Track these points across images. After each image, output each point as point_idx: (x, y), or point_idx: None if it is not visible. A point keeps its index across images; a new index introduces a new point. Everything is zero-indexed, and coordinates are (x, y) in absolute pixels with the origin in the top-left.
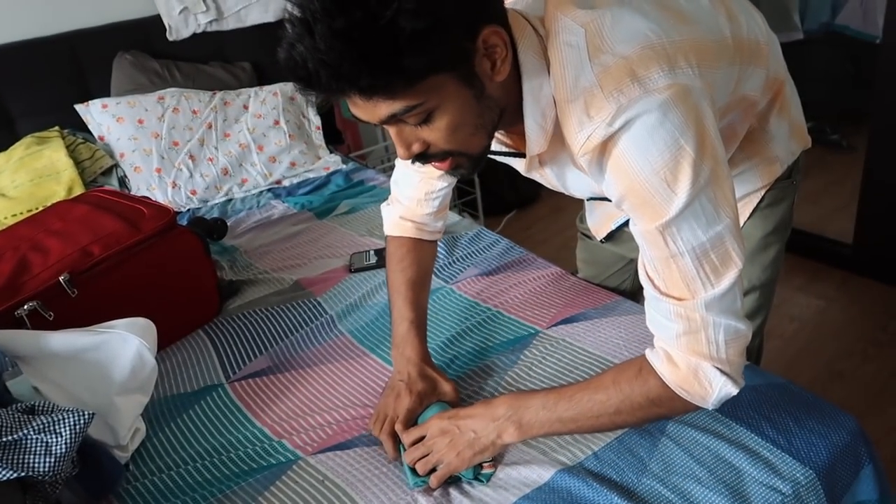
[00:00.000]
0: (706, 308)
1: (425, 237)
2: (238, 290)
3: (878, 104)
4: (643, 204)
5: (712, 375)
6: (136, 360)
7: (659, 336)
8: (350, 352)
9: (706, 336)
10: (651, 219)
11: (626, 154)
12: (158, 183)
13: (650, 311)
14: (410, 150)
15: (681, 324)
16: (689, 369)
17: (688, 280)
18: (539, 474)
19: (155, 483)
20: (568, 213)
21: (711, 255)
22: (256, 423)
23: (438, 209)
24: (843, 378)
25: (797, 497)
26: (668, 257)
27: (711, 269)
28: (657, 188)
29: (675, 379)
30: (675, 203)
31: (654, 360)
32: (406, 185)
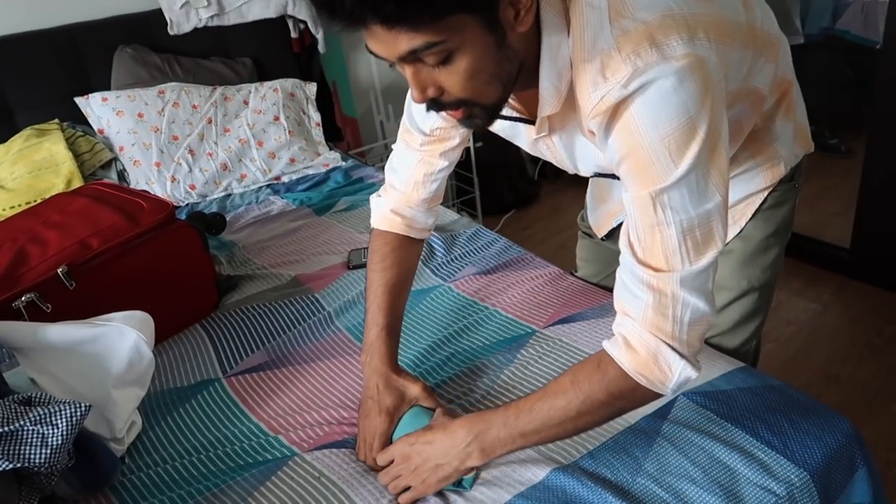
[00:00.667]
0: (680, 283)
1: (413, 234)
2: (236, 285)
3: (876, 110)
4: (642, 169)
5: (672, 359)
6: (133, 353)
7: (624, 308)
8: (347, 348)
9: (673, 313)
10: (645, 184)
11: (635, 117)
12: (157, 177)
13: (621, 281)
14: (425, 93)
15: (651, 296)
16: (648, 353)
17: (668, 252)
18: (534, 473)
19: (150, 476)
20: (567, 213)
21: (696, 231)
22: (253, 418)
23: (433, 196)
24: (839, 382)
25: (791, 498)
26: (653, 225)
27: (693, 246)
28: (659, 156)
29: (635, 365)
30: (671, 172)
31: (612, 349)
32: (404, 166)
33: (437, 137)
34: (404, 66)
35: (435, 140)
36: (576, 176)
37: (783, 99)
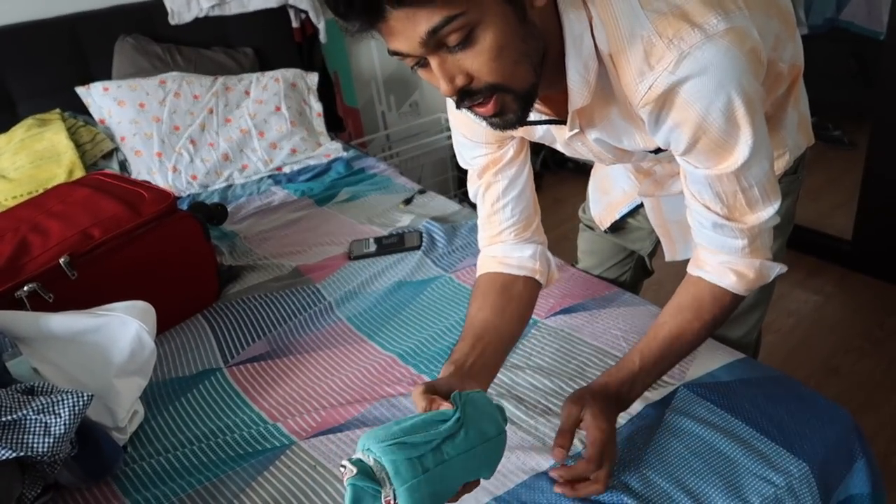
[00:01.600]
0: (766, 222)
1: (509, 271)
2: (237, 276)
3: (880, 101)
4: (715, 147)
5: (770, 268)
6: (135, 343)
7: (721, 252)
8: (348, 338)
9: (761, 242)
10: (724, 163)
11: (691, 101)
12: (159, 167)
13: (707, 235)
14: (454, 83)
15: (746, 239)
16: (756, 273)
17: (753, 205)
18: (538, 462)
19: (152, 465)
20: (568, 205)
21: (767, 181)
22: (254, 406)
23: (516, 224)
24: (839, 374)
25: (790, 489)
26: (737, 191)
27: (771, 191)
28: (726, 129)
29: (747, 286)
30: (744, 143)
31: (724, 281)
32: (479, 207)
33: (489, 160)
34: (430, 58)
35: (489, 164)
36: (578, 167)
37: (793, 86)
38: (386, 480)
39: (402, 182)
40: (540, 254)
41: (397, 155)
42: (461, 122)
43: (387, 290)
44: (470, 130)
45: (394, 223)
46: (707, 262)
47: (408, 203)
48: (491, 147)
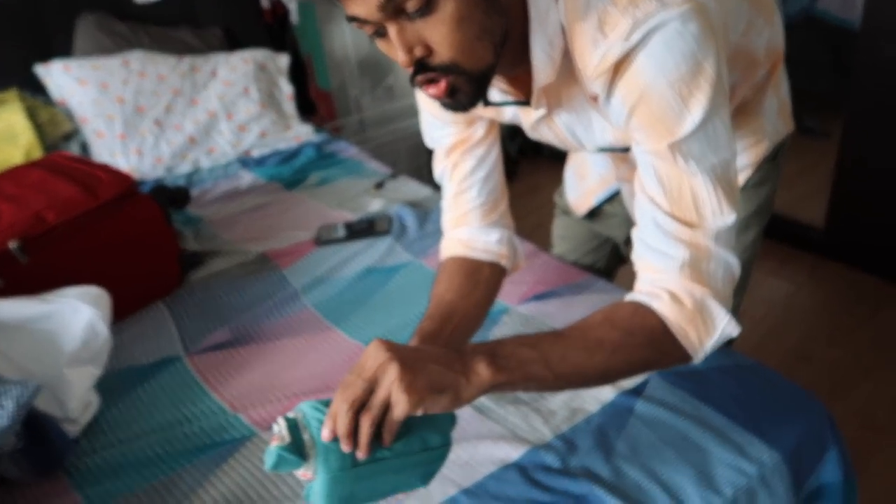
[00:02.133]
0: (715, 239)
1: (476, 255)
2: (201, 262)
3: (854, 92)
4: (654, 121)
5: (717, 312)
6: (88, 330)
7: (657, 268)
8: (313, 326)
9: (708, 268)
10: (661, 137)
11: (641, 69)
12: (122, 149)
13: (645, 242)
14: (412, 53)
15: (685, 252)
16: (695, 306)
17: (699, 203)
18: (507, 453)
19: (106, 458)
20: (544, 192)
21: (722, 180)
22: (214, 396)
23: (482, 206)
24: (810, 361)
25: (762, 479)
26: (681, 176)
27: (725, 195)
28: (671, 102)
29: (681, 318)
30: (688, 120)
31: (655, 302)
32: (445, 188)
33: (456, 140)
34: (388, 25)
35: (456, 143)
36: (554, 154)
37: (774, 71)
38: (311, 456)
39: (374, 166)
40: (507, 239)
41: (371, 139)
42: (428, 101)
43: (355, 277)
44: (437, 109)
45: (364, 208)
46: (639, 286)
47: (379, 187)
48: (459, 126)
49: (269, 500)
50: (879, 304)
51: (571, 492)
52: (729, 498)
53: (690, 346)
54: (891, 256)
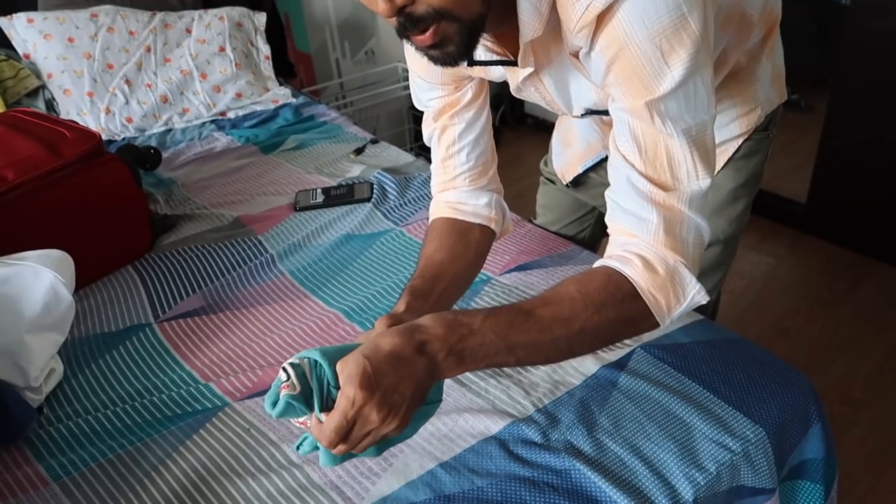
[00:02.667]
0: (689, 204)
1: (463, 217)
2: (173, 226)
3: (841, 67)
4: (632, 76)
5: (688, 280)
6: (49, 295)
7: (630, 231)
8: (290, 293)
9: (681, 233)
10: (638, 94)
11: (623, 20)
12: (90, 108)
13: (618, 204)
14: (394, 1)
15: (658, 215)
16: (667, 273)
17: (674, 165)
18: (487, 426)
19: (70, 428)
20: (527, 161)
21: (698, 143)
22: (185, 365)
23: (471, 170)
24: (789, 335)
25: (746, 455)
26: (657, 136)
27: (700, 158)
28: (650, 57)
29: (651, 285)
30: (667, 78)
31: (627, 268)
32: (434, 152)
33: (445, 102)
34: None
35: (445, 106)
36: (538, 124)
37: (769, 36)
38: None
39: (354, 131)
40: (496, 202)
41: (351, 104)
42: (417, 62)
43: (333, 244)
44: (426, 71)
45: (343, 174)
46: (612, 250)
47: (359, 153)
48: (448, 88)
49: (241, 472)
50: (859, 280)
51: (552, 466)
52: (712, 474)
53: (660, 313)
54: (871, 232)
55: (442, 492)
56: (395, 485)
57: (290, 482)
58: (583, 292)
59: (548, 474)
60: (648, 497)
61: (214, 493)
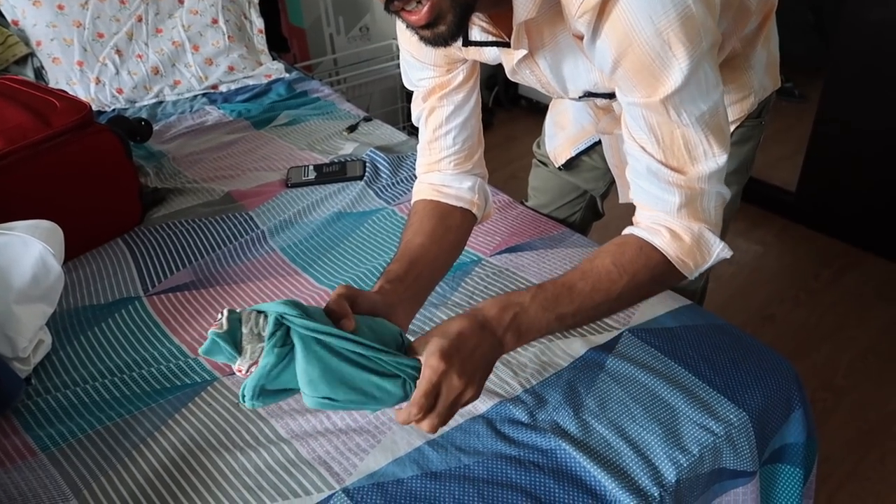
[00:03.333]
0: (708, 180)
1: (446, 200)
2: (163, 199)
3: (837, 56)
4: (641, 69)
5: (712, 241)
6: (38, 266)
7: (655, 209)
8: (281, 269)
9: (703, 204)
10: (651, 89)
11: (627, 11)
12: (80, 78)
13: (641, 187)
14: None
15: (681, 194)
16: (693, 240)
17: (691, 149)
18: (474, 405)
19: (59, 399)
20: (520, 143)
21: (712, 124)
22: (174, 339)
23: (457, 154)
24: (774, 321)
25: (728, 438)
26: (674, 129)
27: (715, 138)
28: (658, 51)
29: (680, 252)
30: (676, 70)
31: (656, 239)
32: (421, 132)
33: (436, 84)
34: None
35: (435, 87)
36: (532, 105)
37: (765, 22)
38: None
39: (347, 108)
40: (479, 187)
41: (344, 81)
42: (409, 41)
43: (325, 221)
44: (418, 50)
45: (336, 151)
46: (640, 221)
47: (352, 130)
48: (439, 70)
49: (230, 446)
50: (845, 269)
51: (538, 446)
52: (695, 456)
53: (688, 272)
54: (859, 222)
55: (429, 468)
56: (382, 461)
57: (278, 457)
58: (617, 264)
59: (534, 453)
60: (632, 477)
61: (203, 467)
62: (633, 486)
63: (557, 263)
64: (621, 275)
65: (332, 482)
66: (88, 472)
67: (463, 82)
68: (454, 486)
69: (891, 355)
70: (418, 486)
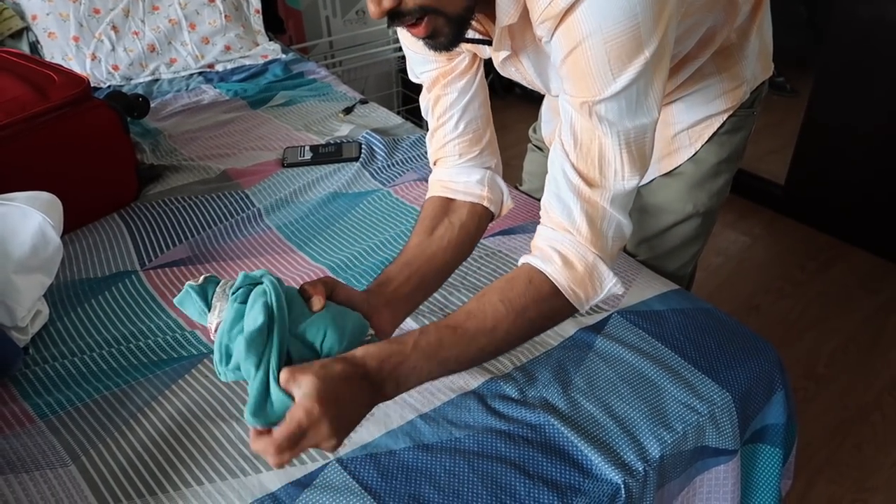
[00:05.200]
0: (611, 202)
1: (455, 196)
2: (159, 176)
3: (828, 51)
4: (579, 74)
5: (605, 274)
6: (37, 236)
7: (558, 218)
8: (276, 247)
9: (602, 227)
10: (582, 92)
11: (580, 19)
12: (76, 53)
13: (554, 188)
14: (381, 5)
15: (583, 208)
16: (585, 269)
17: (604, 164)
18: (466, 381)
19: (56, 369)
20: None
21: (633, 145)
22: (171, 313)
23: (462, 137)
24: (759, 311)
25: (712, 417)
26: (593, 133)
27: (629, 160)
28: (599, 63)
29: (571, 281)
30: (610, 85)
31: (546, 266)
32: (429, 123)
33: (438, 73)
34: None
35: (438, 77)
36: (527, 93)
37: (757, 11)
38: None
39: (344, 90)
40: (489, 179)
41: (340, 64)
42: (409, 37)
43: (320, 201)
44: (418, 45)
45: (332, 132)
46: (537, 243)
47: (348, 112)
48: (441, 62)
49: (226, 416)
50: (830, 262)
51: (528, 421)
52: (679, 433)
53: (578, 303)
54: (846, 215)
55: (421, 441)
56: (375, 433)
57: None
58: (505, 301)
59: (523, 428)
60: (617, 453)
61: (199, 435)
62: (618, 461)
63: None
64: (508, 312)
65: (327, 452)
66: (86, 439)
67: (466, 68)
68: (445, 459)
69: (871, 346)
70: (410, 457)
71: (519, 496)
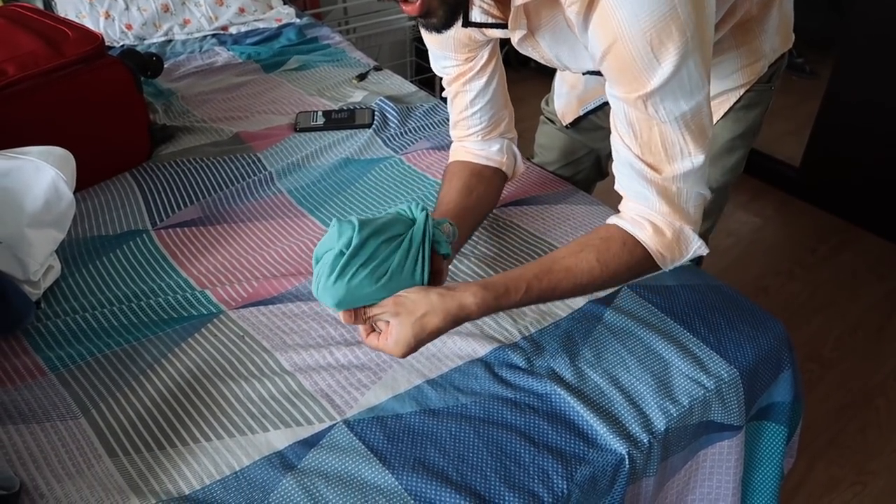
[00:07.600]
0: (683, 180)
1: (477, 160)
2: (172, 137)
3: (850, 33)
4: (624, 68)
5: (691, 238)
6: (50, 191)
7: (637, 203)
8: (287, 211)
9: (679, 203)
10: (631, 87)
11: (614, 9)
12: (89, 11)
13: (623, 174)
14: None
15: (658, 192)
16: (674, 235)
17: (668, 147)
18: (474, 349)
19: (68, 324)
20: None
21: (692, 124)
22: (181, 272)
23: (485, 127)
24: (767, 293)
25: (718, 392)
26: (650, 121)
27: (692, 138)
28: (641, 52)
29: (661, 247)
30: (658, 73)
31: (639, 232)
32: (450, 111)
33: (458, 72)
34: None
35: (458, 75)
36: (541, 66)
37: None
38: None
39: (358, 56)
40: (507, 147)
41: (354, 31)
42: (429, 34)
43: (332, 166)
44: (437, 42)
45: (345, 98)
46: (625, 212)
47: (362, 79)
48: (459, 59)
49: (235, 376)
50: (841, 245)
51: (534, 390)
52: (685, 407)
53: (664, 265)
54: (859, 199)
55: (427, 406)
56: (382, 396)
57: (282, 388)
58: (601, 261)
59: (529, 397)
60: (623, 424)
61: (208, 393)
62: (623, 432)
63: (561, 219)
64: (602, 272)
65: (334, 413)
66: (96, 392)
67: (485, 64)
68: (451, 424)
69: (879, 331)
70: (417, 421)
71: (524, 463)
